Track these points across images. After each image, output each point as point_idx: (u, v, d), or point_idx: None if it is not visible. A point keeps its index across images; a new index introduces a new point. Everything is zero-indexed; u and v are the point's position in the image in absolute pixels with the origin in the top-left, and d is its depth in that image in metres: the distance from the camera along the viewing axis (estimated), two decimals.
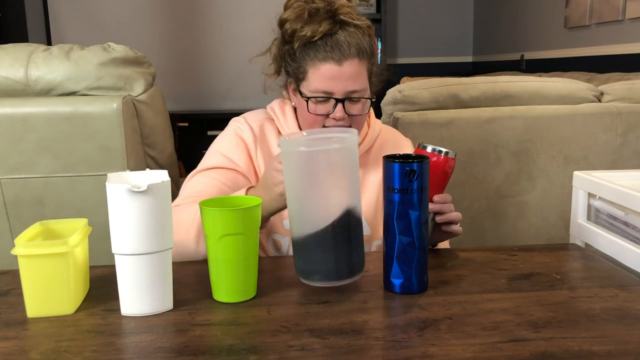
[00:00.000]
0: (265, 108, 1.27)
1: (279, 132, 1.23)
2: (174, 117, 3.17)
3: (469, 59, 5.08)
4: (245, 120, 1.23)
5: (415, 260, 0.88)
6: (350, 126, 1.15)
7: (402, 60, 5.01)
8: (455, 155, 1.04)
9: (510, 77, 1.81)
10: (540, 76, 2.47)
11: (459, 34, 5.04)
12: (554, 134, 1.73)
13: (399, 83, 1.87)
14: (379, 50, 4.65)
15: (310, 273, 0.88)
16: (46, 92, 1.40)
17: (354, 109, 1.14)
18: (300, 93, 1.16)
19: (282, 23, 1.15)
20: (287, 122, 1.22)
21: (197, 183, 1.17)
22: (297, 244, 0.89)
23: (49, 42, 4.57)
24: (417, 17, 4.97)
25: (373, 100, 1.18)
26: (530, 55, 4.04)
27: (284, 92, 1.24)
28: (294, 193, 0.88)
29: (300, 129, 1.22)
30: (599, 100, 1.83)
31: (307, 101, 1.13)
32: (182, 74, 4.73)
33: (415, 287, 0.89)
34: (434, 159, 1.01)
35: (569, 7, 3.49)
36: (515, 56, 4.22)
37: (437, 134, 1.70)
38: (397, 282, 0.89)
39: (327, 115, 1.14)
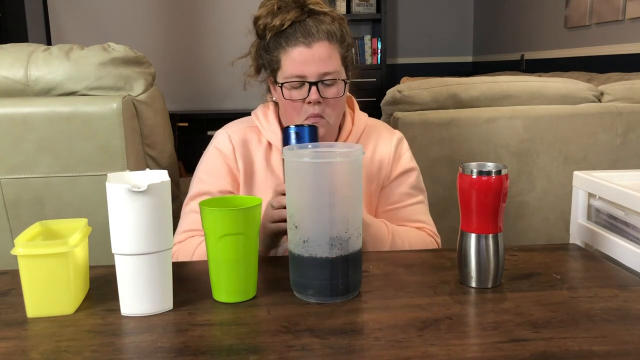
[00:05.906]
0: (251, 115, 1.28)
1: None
2: (174, 117, 3.18)
3: (469, 59, 5.08)
4: (225, 132, 1.25)
5: None
6: (322, 114, 1.15)
7: (402, 60, 5.02)
8: (506, 170, 0.88)
9: (510, 77, 1.81)
10: (540, 76, 2.47)
11: (459, 34, 5.04)
12: (554, 134, 1.73)
13: (399, 83, 1.87)
14: (379, 50, 4.65)
15: (304, 287, 0.87)
16: (46, 92, 1.40)
17: (329, 92, 1.15)
18: (277, 83, 1.18)
19: (255, 21, 1.19)
20: (269, 125, 1.23)
21: (192, 216, 1.20)
22: (293, 256, 0.87)
23: (49, 42, 4.58)
24: (417, 17, 4.97)
25: (347, 82, 1.18)
26: (530, 55, 4.04)
27: (268, 95, 1.26)
28: (294, 204, 0.87)
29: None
30: (599, 100, 1.83)
31: (281, 88, 1.15)
32: (182, 74, 4.73)
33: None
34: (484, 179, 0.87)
35: (569, 7, 3.49)
36: (515, 56, 4.22)
37: (437, 134, 1.70)
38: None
39: (303, 101, 1.15)
